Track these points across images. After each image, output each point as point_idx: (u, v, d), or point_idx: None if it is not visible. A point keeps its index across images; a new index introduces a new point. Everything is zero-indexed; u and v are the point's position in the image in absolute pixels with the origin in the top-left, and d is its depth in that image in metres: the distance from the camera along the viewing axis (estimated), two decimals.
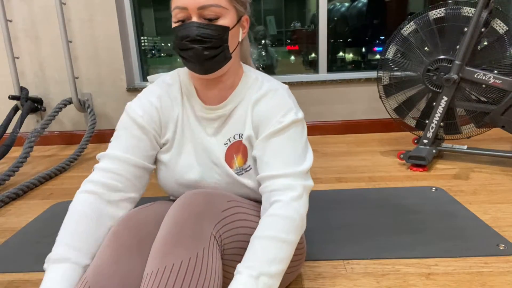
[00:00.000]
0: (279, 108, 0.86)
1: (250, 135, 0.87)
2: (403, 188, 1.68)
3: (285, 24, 2.89)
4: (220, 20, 0.81)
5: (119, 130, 0.88)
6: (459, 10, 1.88)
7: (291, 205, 0.79)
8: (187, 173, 0.89)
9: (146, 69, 2.97)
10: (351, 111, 2.76)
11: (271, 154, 0.84)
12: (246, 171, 0.89)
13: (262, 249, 0.73)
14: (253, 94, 0.88)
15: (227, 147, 0.89)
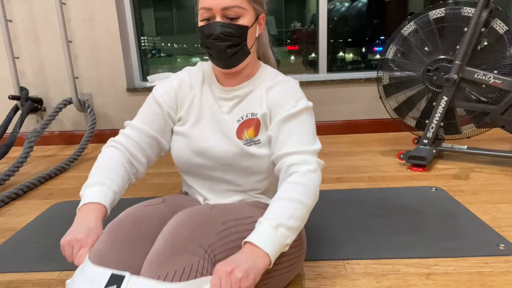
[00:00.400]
0: (292, 95, 0.97)
1: (265, 112, 0.97)
2: (403, 188, 1.68)
3: (285, 24, 2.89)
4: (240, 19, 0.91)
5: (144, 106, 1.05)
6: (459, 10, 1.88)
7: (307, 175, 0.88)
8: (200, 140, 0.99)
9: (146, 69, 2.97)
10: (351, 111, 2.76)
11: (287, 134, 0.93)
12: (255, 143, 0.97)
13: (281, 207, 0.83)
14: (267, 83, 0.99)
15: (240, 123, 0.98)
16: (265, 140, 0.98)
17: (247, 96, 1.00)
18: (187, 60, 2.98)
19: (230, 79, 1.01)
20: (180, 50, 2.98)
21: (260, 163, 0.98)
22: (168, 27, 2.94)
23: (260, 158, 0.97)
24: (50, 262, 1.21)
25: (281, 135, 0.93)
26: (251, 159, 0.97)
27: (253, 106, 0.99)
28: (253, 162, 0.98)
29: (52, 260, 1.22)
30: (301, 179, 0.87)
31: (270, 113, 0.97)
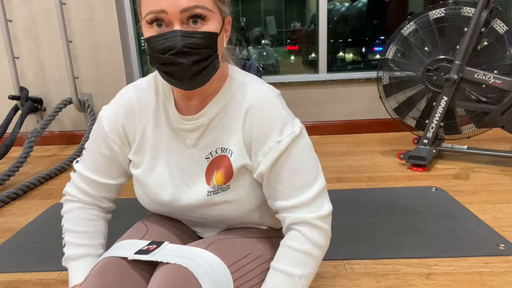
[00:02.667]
0: (273, 124, 0.75)
1: (240, 152, 0.77)
2: (403, 188, 1.68)
3: (285, 24, 2.89)
4: (206, 24, 0.68)
5: (90, 142, 0.86)
6: (459, 10, 1.88)
7: (307, 237, 0.75)
8: (157, 191, 0.82)
9: (146, 69, 2.97)
10: (351, 111, 2.76)
11: (279, 181, 0.76)
12: (223, 189, 0.79)
13: (276, 283, 0.74)
14: (239, 102, 0.77)
15: (209, 162, 0.79)
16: (236, 185, 0.79)
17: (214, 124, 0.78)
18: None
19: (191, 99, 0.78)
20: None
21: (230, 210, 0.81)
22: None
23: (228, 205, 0.80)
24: (50, 262, 1.21)
25: (273, 182, 0.76)
26: (219, 208, 0.81)
27: (222, 137, 0.78)
28: (221, 210, 0.81)
29: (52, 260, 1.22)
30: (299, 244, 0.75)
31: (249, 150, 0.78)
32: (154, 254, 0.73)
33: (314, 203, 0.76)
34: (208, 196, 0.79)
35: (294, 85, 2.71)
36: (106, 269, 0.73)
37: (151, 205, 0.86)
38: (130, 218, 1.50)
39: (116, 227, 1.44)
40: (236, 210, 0.82)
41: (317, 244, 0.76)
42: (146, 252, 0.74)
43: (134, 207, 1.61)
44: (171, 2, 0.64)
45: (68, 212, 0.90)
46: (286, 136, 0.74)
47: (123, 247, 0.78)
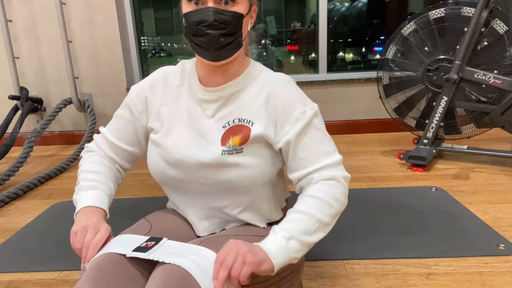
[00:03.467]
0: (296, 99, 0.85)
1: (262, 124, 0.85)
2: (403, 188, 1.68)
3: (285, 24, 2.89)
4: (235, 6, 0.80)
5: (119, 108, 0.98)
6: (459, 10, 1.88)
7: (332, 191, 0.80)
8: (174, 150, 0.87)
9: (146, 69, 2.98)
10: (351, 111, 2.76)
11: (305, 149, 0.84)
12: (237, 151, 0.84)
13: (297, 220, 0.77)
14: (260, 84, 0.87)
15: (225, 130, 0.86)
16: (251, 151, 0.84)
17: (233, 98, 0.87)
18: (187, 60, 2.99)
19: (214, 77, 0.87)
20: (180, 50, 2.98)
21: (240, 177, 0.84)
22: (168, 27, 2.94)
23: (240, 169, 0.84)
24: (50, 262, 1.21)
25: (299, 151, 0.83)
26: (230, 171, 0.84)
27: (241, 111, 0.86)
28: (231, 176, 0.84)
29: (52, 260, 1.22)
30: (323, 194, 0.79)
31: (274, 122, 0.84)
32: (151, 252, 0.74)
33: (339, 166, 0.84)
34: (222, 155, 0.83)
35: None
36: (104, 265, 0.73)
37: (163, 167, 0.89)
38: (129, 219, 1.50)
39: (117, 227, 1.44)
40: (246, 179, 0.85)
41: (339, 200, 0.80)
42: (144, 249, 0.75)
43: (134, 207, 1.61)
44: None
45: (86, 159, 0.96)
46: (309, 109, 0.84)
47: (122, 242, 0.79)
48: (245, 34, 0.84)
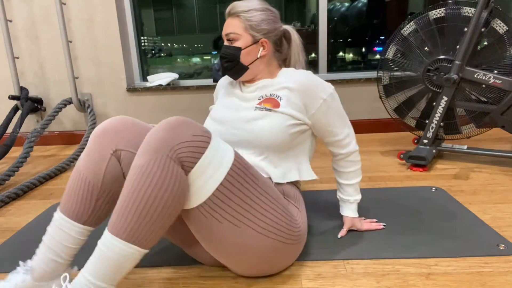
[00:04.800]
0: (317, 80, 1.16)
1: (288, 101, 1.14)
2: (403, 188, 1.68)
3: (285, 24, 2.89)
4: (236, 42, 1.17)
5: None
6: (459, 10, 1.88)
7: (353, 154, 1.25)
8: (218, 110, 1.23)
9: (146, 69, 2.97)
10: (351, 111, 2.76)
11: (331, 123, 1.18)
12: (267, 110, 1.13)
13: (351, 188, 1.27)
14: (284, 78, 1.19)
15: (260, 100, 1.17)
16: (277, 115, 1.12)
17: (264, 86, 1.19)
18: (187, 60, 2.98)
19: (245, 83, 1.25)
20: (180, 50, 2.98)
21: (262, 129, 1.11)
22: (168, 27, 2.94)
23: (264, 122, 1.11)
24: None
25: (327, 125, 1.18)
26: (255, 123, 1.12)
27: (272, 91, 1.18)
28: (256, 126, 1.12)
29: None
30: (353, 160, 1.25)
31: (302, 96, 1.14)
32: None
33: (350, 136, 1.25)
34: (254, 111, 1.15)
35: None
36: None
37: (209, 123, 1.24)
38: None
39: None
40: (266, 132, 1.11)
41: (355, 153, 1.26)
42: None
43: None
44: (224, 29, 1.19)
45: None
46: (328, 88, 1.16)
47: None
48: (249, 60, 1.19)
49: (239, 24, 1.17)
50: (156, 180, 0.81)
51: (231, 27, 1.17)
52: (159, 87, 2.75)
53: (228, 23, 1.18)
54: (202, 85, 2.73)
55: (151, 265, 1.17)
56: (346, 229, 1.29)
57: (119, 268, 0.83)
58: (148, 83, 2.82)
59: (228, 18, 1.20)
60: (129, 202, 0.82)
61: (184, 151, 0.84)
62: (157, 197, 0.81)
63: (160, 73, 2.85)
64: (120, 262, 0.82)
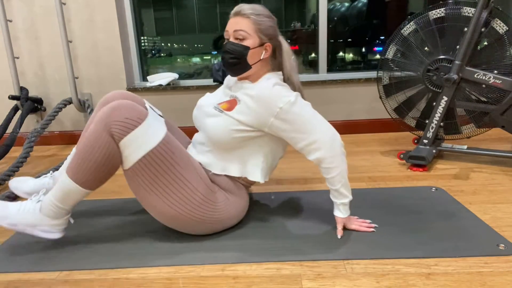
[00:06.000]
0: (278, 91, 1.22)
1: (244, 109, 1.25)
2: (403, 188, 1.68)
3: (285, 24, 2.89)
4: (245, 41, 1.26)
5: None
6: (459, 10, 1.88)
7: (325, 161, 1.22)
8: (203, 97, 1.42)
9: (146, 69, 2.97)
10: (351, 111, 2.76)
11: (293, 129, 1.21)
12: (220, 112, 1.28)
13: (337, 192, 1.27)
14: (256, 88, 1.26)
15: (224, 100, 1.33)
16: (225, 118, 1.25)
17: (244, 87, 1.31)
18: (187, 60, 2.98)
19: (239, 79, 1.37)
20: (180, 50, 2.98)
21: (213, 127, 1.26)
22: (168, 27, 2.94)
23: (214, 121, 1.26)
24: (50, 262, 1.21)
25: (289, 131, 1.22)
26: (209, 120, 1.28)
27: (242, 93, 1.28)
28: (209, 122, 1.28)
29: (52, 260, 1.22)
30: (327, 167, 1.23)
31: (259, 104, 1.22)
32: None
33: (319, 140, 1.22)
34: (212, 108, 1.31)
35: None
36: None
37: (195, 111, 1.40)
38: (129, 218, 1.51)
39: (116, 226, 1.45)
40: (211, 130, 1.26)
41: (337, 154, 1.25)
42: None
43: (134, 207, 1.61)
44: (231, 26, 1.27)
45: None
46: (285, 103, 1.20)
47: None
48: (254, 60, 1.29)
49: (249, 25, 1.25)
50: (92, 142, 1.14)
51: (241, 25, 1.24)
52: (159, 87, 2.75)
53: (237, 21, 1.25)
54: (202, 85, 2.73)
55: (151, 265, 1.17)
56: (340, 228, 1.29)
57: (68, 196, 1.19)
58: (148, 83, 2.82)
59: (236, 17, 1.26)
60: (76, 153, 1.17)
61: (115, 127, 1.13)
62: (91, 153, 1.14)
63: (160, 73, 2.85)
64: (69, 192, 1.18)
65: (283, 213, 1.48)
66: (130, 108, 1.15)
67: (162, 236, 1.34)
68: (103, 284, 1.09)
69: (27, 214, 1.22)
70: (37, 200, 1.24)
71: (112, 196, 1.75)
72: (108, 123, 1.13)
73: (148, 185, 1.18)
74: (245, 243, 1.26)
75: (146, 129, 1.15)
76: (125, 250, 1.26)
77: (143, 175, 1.17)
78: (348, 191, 1.27)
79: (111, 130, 1.13)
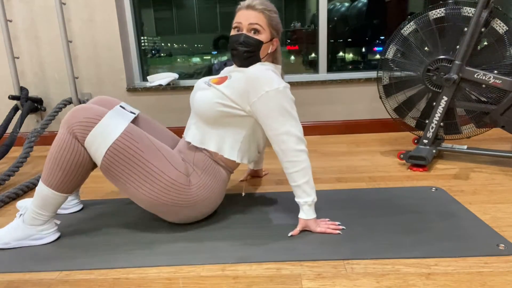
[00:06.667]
0: (269, 76, 1.25)
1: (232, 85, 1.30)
2: (403, 188, 1.68)
3: (285, 24, 2.89)
4: (259, 35, 1.31)
5: None
6: (459, 10, 1.88)
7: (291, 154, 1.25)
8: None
9: (146, 69, 2.97)
10: (351, 111, 2.76)
11: (272, 116, 1.25)
12: (209, 86, 1.34)
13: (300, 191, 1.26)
14: (250, 69, 1.31)
15: (220, 76, 1.39)
16: (214, 91, 1.31)
17: (239, 70, 1.35)
18: (187, 60, 2.98)
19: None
20: (180, 50, 2.98)
21: (202, 99, 1.31)
22: (168, 27, 2.94)
23: (203, 94, 1.32)
24: (50, 262, 1.21)
25: (267, 117, 1.25)
26: (199, 94, 1.33)
27: (235, 71, 1.35)
28: (198, 96, 1.33)
29: (52, 260, 1.22)
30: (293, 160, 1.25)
31: (248, 83, 1.26)
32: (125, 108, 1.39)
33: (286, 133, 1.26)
34: (204, 83, 1.38)
35: (294, 85, 2.71)
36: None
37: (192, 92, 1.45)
38: (129, 218, 1.51)
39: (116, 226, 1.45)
40: (198, 101, 1.32)
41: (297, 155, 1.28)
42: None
43: (134, 207, 1.61)
44: (245, 18, 1.30)
45: None
46: (272, 89, 1.24)
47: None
48: (264, 54, 1.35)
49: (264, 19, 1.29)
50: (59, 146, 1.21)
51: (256, 19, 1.28)
52: (159, 87, 2.75)
53: (251, 15, 1.28)
54: None
55: (151, 265, 1.17)
56: (298, 229, 1.28)
57: (47, 202, 1.25)
58: (148, 83, 2.82)
59: (249, 10, 1.29)
60: (47, 160, 1.24)
61: (76, 128, 1.20)
62: (60, 158, 1.21)
63: (160, 73, 2.85)
64: (46, 198, 1.24)
65: (283, 213, 1.48)
66: (88, 108, 1.22)
67: (162, 236, 1.34)
68: (103, 284, 1.09)
69: (15, 230, 1.29)
70: (19, 215, 1.31)
71: (112, 196, 1.75)
72: (70, 126, 1.20)
73: (121, 177, 1.24)
74: (245, 243, 1.26)
75: (106, 125, 1.20)
76: (125, 250, 1.26)
77: (113, 168, 1.22)
78: (312, 190, 1.26)
79: (74, 131, 1.20)
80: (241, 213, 1.49)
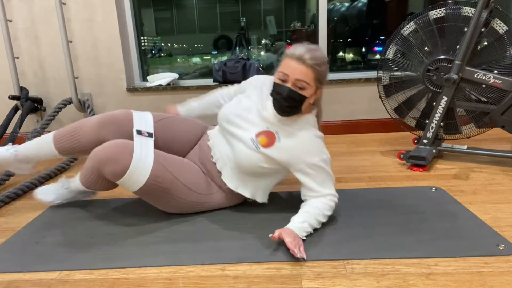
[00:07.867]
0: (317, 144, 1.33)
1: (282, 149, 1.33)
2: (403, 188, 1.68)
3: (285, 24, 2.89)
4: (304, 91, 1.27)
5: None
6: (459, 10, 1.88)
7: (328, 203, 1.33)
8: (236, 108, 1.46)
9: (146, 69, 2.97)
10: (351, 111, 2.76)
11: (312, 182, 1.33)
12: (257, 148, 1.33)
13: (309, 213, 1.28)
14: (298, 130, 1.35)
15: (263, 130, 1.36)
16: (264, 158, 1.33)
17: (282, 122, 1.36)
18: (187, 60, 2.98)
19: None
20: (180, 50, 2.98)
21: (240, 155, 1.35)
22: (168, 27, 2.94)
23: (243, 152, 1.33)
24: (50, 262, 1.21)
25: (308, 182, 1.32)
26: (240, 145, 1.35)
27: (281, 130, 1.35)
28: (238, 150, 1.35)
29: (52, 260, 1.22)
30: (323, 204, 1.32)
31: (296, 152, 1.31)
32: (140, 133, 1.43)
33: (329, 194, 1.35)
34: (251, 141, 1.34)
35: None
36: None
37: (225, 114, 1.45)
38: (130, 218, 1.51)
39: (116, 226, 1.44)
40: (239, 156, 1.35)
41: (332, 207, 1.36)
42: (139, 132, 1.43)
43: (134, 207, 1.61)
44: (292, 72, 1.25)
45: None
46: (319, 160, 1.31)
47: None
48: (306, 106, 1.33)
49: (311, 75, 1.25)
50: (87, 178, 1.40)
51: (303, 75, 1.24)
52: (159, 87, 2.75)
53: (300, 70, 1.23)
54: (202, 85, 2.73)
55: (151, 265, 1.17)
56: (278, 234, 1.16)
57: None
58: (148, 83, 2.82)
59: (298, 63, 1.23)
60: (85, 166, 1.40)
61: (108, 175, 1.30)
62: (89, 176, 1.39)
63: (160, 73, 2.85)
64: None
65: (283, 213, 1.48)
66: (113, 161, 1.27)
67: (163, 236, 1.34)
68: (103, 284, 1.09)
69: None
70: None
71: (112, 196, 1.75)
72: (101, 173, 1.32)
73: (156, 199, 1.39)
74: (245, 243, 1.26)
75: (134, 170, 1.28)
76: (125, 250, 1.26)
77: (147, 194, 1.35)
78: (318, 226, 1.31)
79: (105, 176, 1.33)
80: (241, 213, 1.49)
